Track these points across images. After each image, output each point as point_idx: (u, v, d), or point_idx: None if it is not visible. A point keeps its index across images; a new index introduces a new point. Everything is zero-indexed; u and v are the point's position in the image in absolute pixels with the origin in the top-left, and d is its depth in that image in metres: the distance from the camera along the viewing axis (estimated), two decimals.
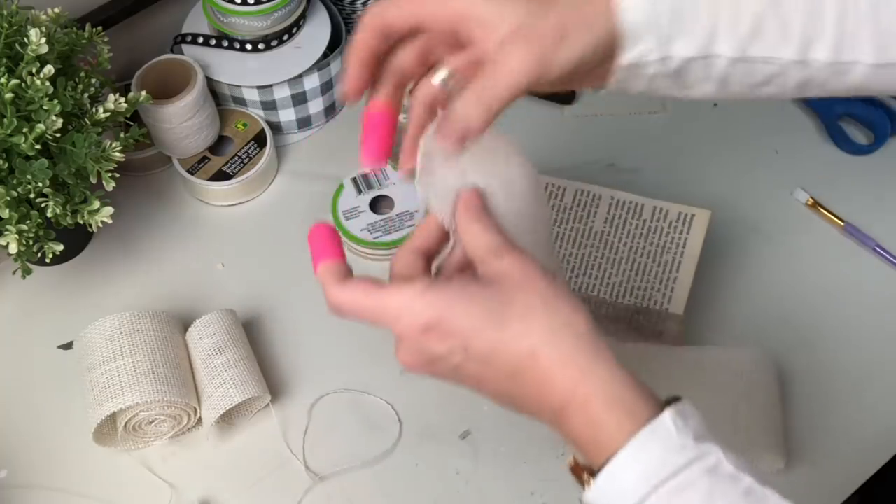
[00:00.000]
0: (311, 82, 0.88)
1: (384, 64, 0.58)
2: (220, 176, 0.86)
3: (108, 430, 0.73)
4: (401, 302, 0.51)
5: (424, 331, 0.50)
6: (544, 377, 0.49)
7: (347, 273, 0.55)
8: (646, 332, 0.75)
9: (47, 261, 0.74)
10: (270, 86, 0.87)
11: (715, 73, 0.55)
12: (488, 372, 0.51)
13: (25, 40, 0.69)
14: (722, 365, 0.73)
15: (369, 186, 0.85)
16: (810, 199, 0.86)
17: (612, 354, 0.49)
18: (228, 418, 0.75)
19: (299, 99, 0.88)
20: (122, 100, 0.75)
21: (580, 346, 0.49)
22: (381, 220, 0.84)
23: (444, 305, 0.50)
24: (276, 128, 0.90)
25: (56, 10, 0.75)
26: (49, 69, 0.69)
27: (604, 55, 0.54)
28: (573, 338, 0.49)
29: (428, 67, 0.58)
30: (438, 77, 0.56)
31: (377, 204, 0.85)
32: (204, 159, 0.86)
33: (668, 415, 0.47)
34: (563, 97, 0.93)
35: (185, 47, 0.88)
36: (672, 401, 0.48)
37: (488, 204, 0.55)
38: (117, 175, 0.73)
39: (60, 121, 0.69)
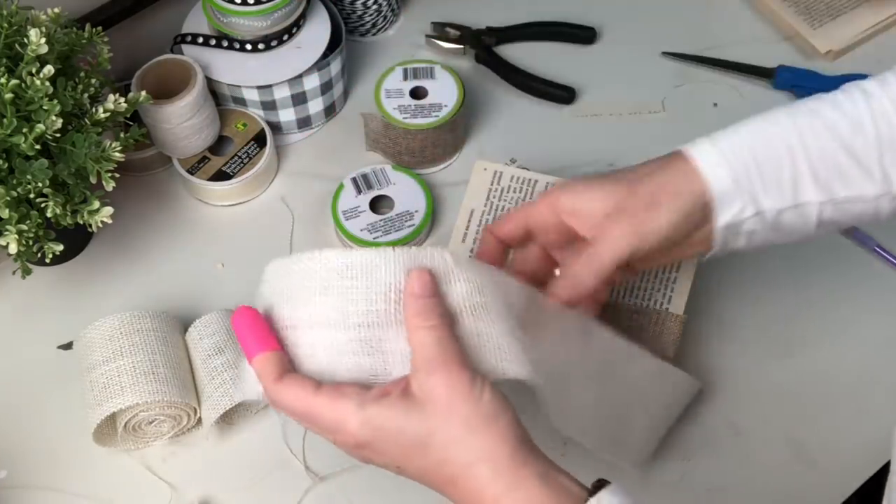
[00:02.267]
0: (311, 82, 0.88)
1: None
2: (220, 176, 0.86)
3: (108, 430, 0.73)
4: (335, 416, 0.53)
5: (358, 447, 0.54)
6: (469, 497, 0.52)
7: (285, 365, 0.55)
8: (645, 332, 0.75)
9: (47, 261, 0.74)
10: (270, 86, 0.87)
11: (810, 217, 0.60)
12: (424, 481, 0.54)
13: (25, 40, 0.69)
14: (645, 368, 0.71)
15: (369, 186, 0.85)
16: None
17: (533, 471, 0.51)
18: (228, 418, 0.75)
19: (299, 99, 0.88)
20: (122, 100, 0.75)
21: (497, 476, 0.51)
22: (380, 220, 0.84)
23: (374, 429, 0.52)
24: (276, 128, 0.90)
25: (56, 10, 0.75)
26: (49, 69, 0.69)
27: (698, 220, 0.60)
28: (489, 470, 0.51)
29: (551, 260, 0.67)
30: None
31: (377, 204, 0.85)
32: (204, 159, 0.86)
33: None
34: (563, 97, 0.93)
35: (185, 47, 0.88)
36: (598, 486, 0.51)
37: (444, 296, 0.55)
38: (117, 175, 0.73)
39: (60, 121, 0.69)
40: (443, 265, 0.55)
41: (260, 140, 0.87)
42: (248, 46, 0.87)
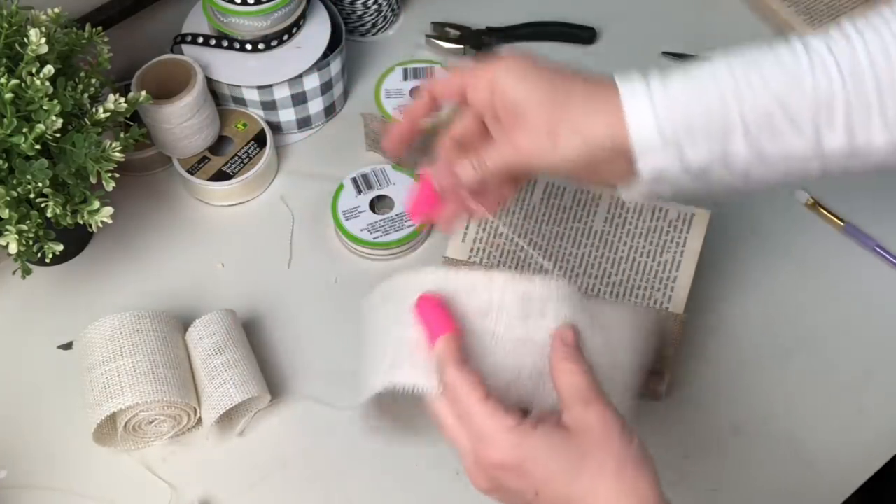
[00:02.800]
0: (311, 82, 0.88)
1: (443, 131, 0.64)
2: (220, 176, 0.86)
3: (108, 430, 0.73)
4: (492, 426, 0.53)
5: (501, 467, 0.53)
6: None
7: (465, 353, 0.55)
8: None
9: (47, 261, 0.74)
10: (270, 86, 0.87)
11: (737, 171, 0.58)
12: None
13: (25, 40, 0.69)
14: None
15: (369, 186, 0.85)
16: (810, 199, 0.86)
17: None
18: (228, 418, 0.75)
19: (299, 99, 0.88)
20: (122, 100, 0.75)
21: None
22: (380, 220, 0.84)
23: (527, 451, 0.52)
24: (276, 128, 0.90)
25: (56, 10, 0.75)
26: (49, 69, 0.69)
27: (609, 160, 0.58)
28: None
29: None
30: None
31: (377, 204, 0.85)
32: (204, 159, 0.86)
33: None
34: None
35: (185, 47, 0.88)
36: None
37: (582, 344, 0.56)
38: (117, 175, 0.73)
39: (60, 121, 0.69)
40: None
41: (260, 140, 0.87)
42: (248, 46, 0.87)
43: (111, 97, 0.74)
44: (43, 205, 0.71)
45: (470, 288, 0.57)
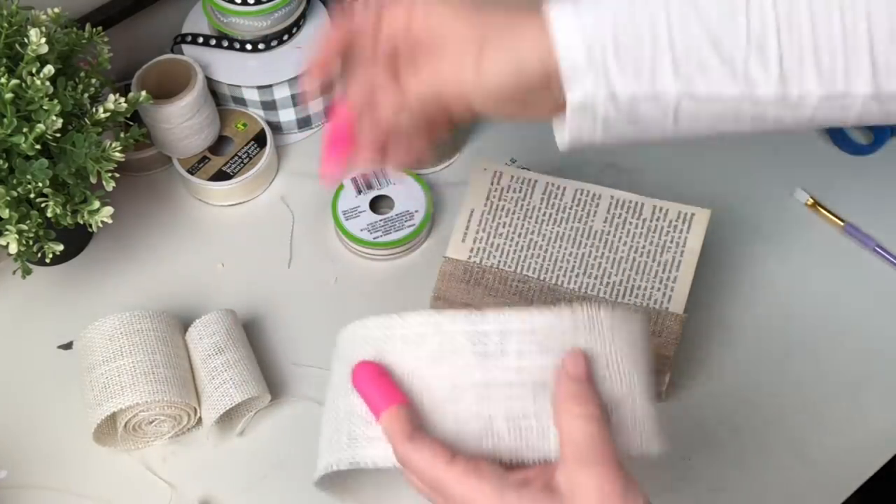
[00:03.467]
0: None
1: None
2: (220, 176, 0.86)
3: (108, 430, 0.73)
4: (468, 496, 0.47)
5: None
6: None
7: (416, 421, 0.49)
8: None
9: (47, 261, 0.74)
10: (270, 86, 0.87)
11: (668, 110, 0.53)
12: None
13: (25, 40, 0.69)
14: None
15: (369, 186, 0.85)
16: (810, 200, 0.86)
17: None
18: (228, 418, 0.75)
19: (299, 99, 0.88)
20: (122, 100, 0.75)
21: None
22: (381, 220, 0.84)
23: None
24: (276, 128, 0.90)
25: (56, 10, 0.75)
26: (49, 69, 0.69)
27: (535, 85, 0.53)
28: None
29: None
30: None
31: (377, 204, 0.85)
32: (204, 159, 0.86)
33: None
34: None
35: (185, 47, 0.88)
36: None
37: (595, 376, 0.49)
38: (117, 175, 0.73)
39: (60, 121, 0.69)
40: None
41: (260, 140, 0.87)
42: (248, 46, 0.87)
43: (111, 97, 0.74)
44: (43, 205, 0.71)
45: (417, 336, 0.50)
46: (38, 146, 0.69)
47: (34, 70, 0.69)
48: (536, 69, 0.52)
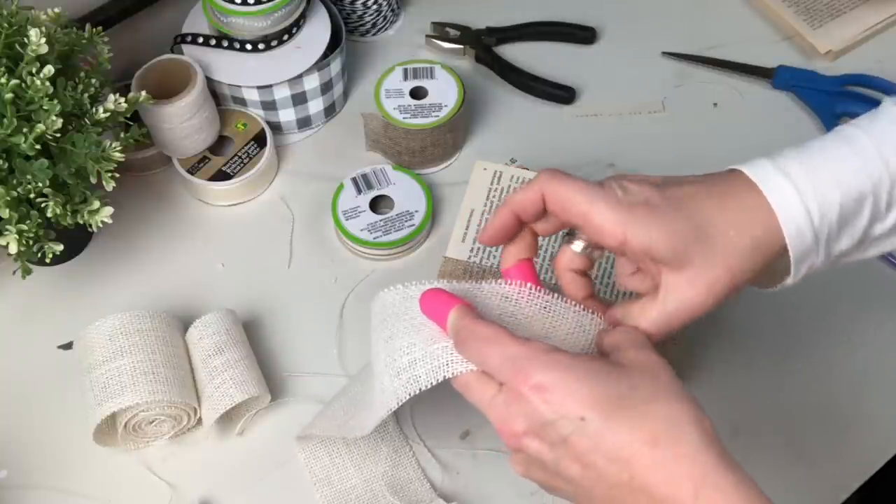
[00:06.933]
0: (311, 82, 0.88)
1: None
2: (220, 176, 0.86)
3: (108, 430, 0.73)
4: (526, 351, 0.48)
5: (539, 389, 0.47)
6: (659, 472, 0.46)
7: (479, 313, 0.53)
8: None
9: (47, 261, 0.74)
10: (270, 86, 0.87)
11: (870, 252, 0.56)
12: (596, 452, 0.47)
13: (25, 40, 0.69)
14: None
15: (369, 186, 0.85)
16: None
17: (737, 463, 0.46)
18: (228, 418, 0.75)
19: (299, 99, 0.88)
20: (122, 100, 0.75)
21: (705, 445, 0.46)
22: (381, 220, 0.84)
23: (571, 370, 0.47)
24: (276, 128, 0.90)
25: (56, 10, 0.75)
26: (49, 69, 0.69)
27: (765, 268, 0.54)
28: (699, 434, 0.46)
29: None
30: (577, 246, 0.59)
31: (377, 204, 0.85)
32: (204, 159, 0.86)
33: None
34: (563, 97, 0.93)
35: (185, 47, 0.88)
36: None
37: None
38: (117, 175, 0.73)
39: (60, 121, 0.69)
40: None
41: (260, 140, 0.87)
42: (248, 46, 0.87)
43: (111, 97, 0.74)
44: (43, 205, 0.71)
45: (467, 291, 0.56)
46: (38, 146, 0.69)
47: (34, 70, 0.69)
48: (760, 265, 0.54)
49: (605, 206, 0.53)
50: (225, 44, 0.87)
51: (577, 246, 0.58)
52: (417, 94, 0.88)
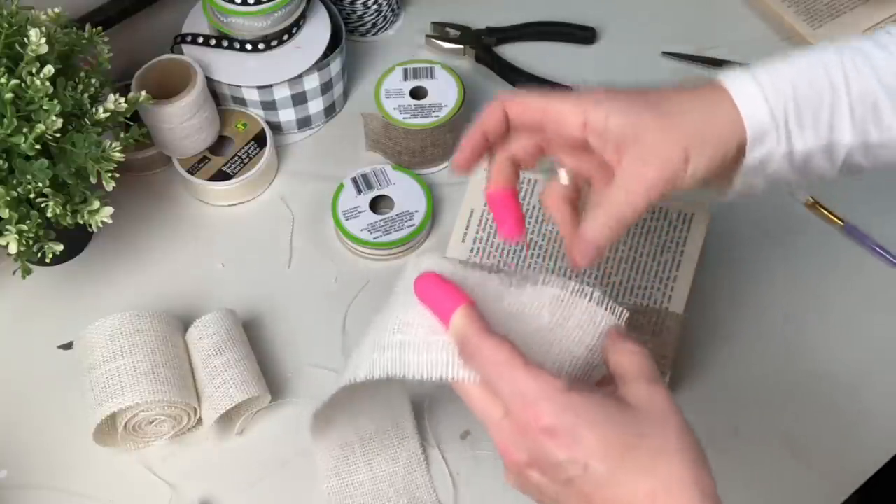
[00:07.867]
0: (311, 82, 0.88)
1: (499, 148, 0.60)
2: (220, 176, 0.86)
3: (108, 430, 0.73)
4: (535, 387, 0.47)
5: (550, 433, 0.47)
6: None
7: (487, 322, 0.50)
8: (645, 331, 0.75)
9: (47, 261, 0.74)
10: (270, 86, 0.87)
11: (837, 160, 0.57)
12: (598, 496, 0.47)
13: (25, 40, 0.69)
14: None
15: (369, 186, 0.85)
16: (810, 199, 0.86)
17: None
18: (228, 418, 0.75)
19: (299, 99, 0.88)
20: (122, 100, 0.75)
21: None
22: (381, 220, 0.84)
23: (583, 414, 0.47)
24: (276, 128, 0.90)
25: (56, 10, 0.75)
26: (49, 69, 0.69)
27: (730, 163, 0.56)
28: (699, 497, 0.46)
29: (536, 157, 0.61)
30: (563, 178, 0.59)
31: (377, 204, 0.85)
32: (204, 159, 0.86)
33: None
34: None
35: (185, 47, 0.88)
36: None
37: None
38: (117, 175, 0.73)
39: (60, 121, 0.69)
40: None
41: (260, 140, 0.87)
42: (248, 46, 0.87)
43: (111, 97, 0.74)
44: (43, 205, 0.71)
45: (478, 278, 0.54)
46: (38, 146, 0.69)
47: (34, 70, 0.69)
48: (734, 146, 0.55)
49: (561, 97, 0.57)
50: (225, 44, 0.87)
51: (563, 177, 0.59)
52: (417, 94, 0.88)
